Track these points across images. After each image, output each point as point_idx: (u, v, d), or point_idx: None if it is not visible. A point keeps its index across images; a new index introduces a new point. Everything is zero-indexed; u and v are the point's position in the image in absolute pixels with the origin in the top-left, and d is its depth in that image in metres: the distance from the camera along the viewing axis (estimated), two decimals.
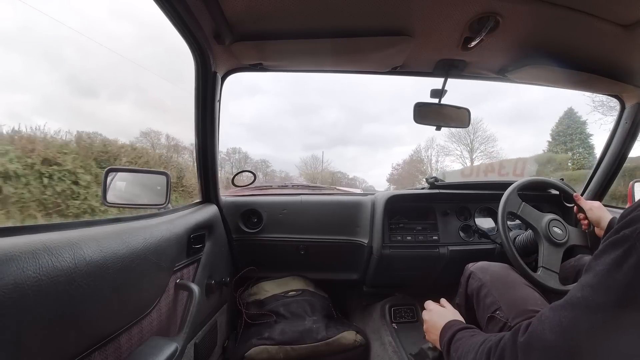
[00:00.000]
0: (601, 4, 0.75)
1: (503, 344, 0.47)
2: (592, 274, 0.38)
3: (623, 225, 0.37)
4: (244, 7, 0.78)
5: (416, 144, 28.54)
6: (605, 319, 0.35)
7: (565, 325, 0.38)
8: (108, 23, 14.35)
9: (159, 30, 12.34)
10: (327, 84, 28.19)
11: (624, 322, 0.34)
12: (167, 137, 9.98)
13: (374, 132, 24.69)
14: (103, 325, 0.53)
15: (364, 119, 24.85)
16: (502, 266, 0.93)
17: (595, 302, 0.36)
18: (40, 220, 3.61)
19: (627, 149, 1.29)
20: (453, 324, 0.70)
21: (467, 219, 1.36)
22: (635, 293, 0.33)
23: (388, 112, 24.06)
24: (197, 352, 0.94)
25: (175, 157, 8.65)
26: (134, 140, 8.77)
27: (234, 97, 20.98)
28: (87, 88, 13.15)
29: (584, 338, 0.37)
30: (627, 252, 0.35)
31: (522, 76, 1.09)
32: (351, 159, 23.73)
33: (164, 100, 15.05)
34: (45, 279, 0.40)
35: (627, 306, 0.34)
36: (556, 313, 0.40)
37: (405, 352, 1.15)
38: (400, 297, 1.43)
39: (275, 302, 1.31)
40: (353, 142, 24.18)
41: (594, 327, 0.36)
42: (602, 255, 0.38)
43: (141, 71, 16.71)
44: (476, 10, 0.78)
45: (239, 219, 1.35)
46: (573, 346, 0.37)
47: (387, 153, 24.25)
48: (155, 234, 0.69)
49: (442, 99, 1.15)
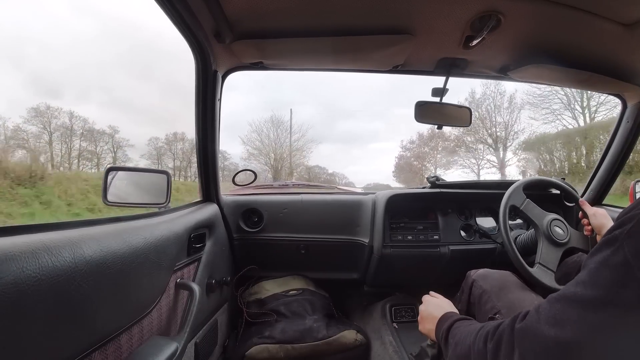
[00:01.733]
0: (603, 3, 0.75)
1: (502, 329, 0.49)
2: (585, 270, 0.40)
3: (616, 225, 0.39)
4: (244, 5, 0.77)
5: (394, 140, 28.10)
6: (593, 314, 0.37)
7: (558, 318, 0.40)
8: (108, 23, 14.40)
9: (158, 30, 12.33)
10: (301, 79, 27.32)
11: (610, 318, 0.36)
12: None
13: (349, 128, 24.23)
14: (103, 324, 0.52)
15: (339, 115, 24.41)
16: (503, 273, 0.93)
17: (585, 298, 0.38)
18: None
19: (629, 148, 1.28)
20: (451, 314, 0.71)
21: (468, 218, 1.36)
22: (619, 290, 0.35)
23: (363, 107, 23.68)
24: (198, 351, 0.94)
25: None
26: None
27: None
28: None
29: (573, 331, 0.38)
30: (615, 251, 0.37)
31: (523, 75, 1.09)
32: (327, 156, 23.21)
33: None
34: (45, 279, 0.39)
35: (612, 303, 0.36)
36: (551, 305, 0.43)
37: (406, 351, 1.15)
38: (400, 296, 1.43)
39: (275, 301, 1.31)
40: (328, 140, 23.56)
41: (583, 321, 0.38)
42: (595, 254, 0.40)
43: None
44: (478, 9, 0.78)
45: (240, 218, 1.35)
46: (562, 337, 0.39)
47: (363, 150, 23.87)
48: (155, 233, 0.68)
49: (444, 98, 1.14)
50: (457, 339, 0.61)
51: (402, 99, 23.41)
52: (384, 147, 24.87)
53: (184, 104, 1.18)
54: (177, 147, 13.40)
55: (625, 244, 0.36)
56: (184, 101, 1.16)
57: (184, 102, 1.11)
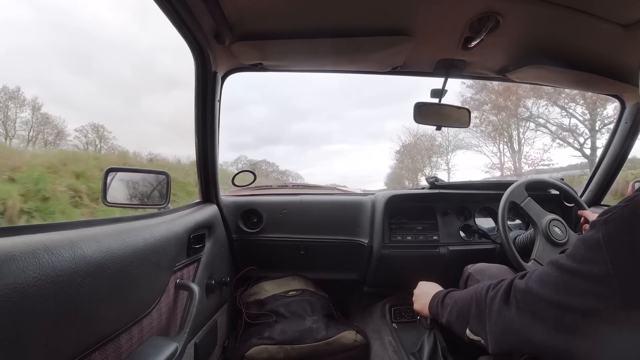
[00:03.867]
0: (602, 4, 0.75)
1: (502, 283, 0.57)
2: (572, 245, 0.48)
3: (601, 213, 0.45)
4: (244, 6, 0.78)
5: (347, 143, 27.74)
6: (568, 279, 0.45)
7: (544, 278, 0.49)
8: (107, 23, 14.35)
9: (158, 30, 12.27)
10: (255, 80, 27.05)
11: (579, 285, 0.44)
12: None
13: (303, 130, 23.84)
14: (103, 325, 0.53)
15: (294, 116, 23.96)
16: (500, 267, 0.94)
17: (565, 266, 0.46)
18: None
19: (628, 149, 1.29)
20: (445, 289, 0.79)
21: (467, 219, 1.36)
22: (590, 266, 0.43)
23: (317, 109, 23.35)
24: (197, 352, 0.94)
25: None
26: None
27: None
28: None
29: (552, 290, 0.47)
30: (594, 233, 0.44)
31: (522, 76, 1.09)
32: (281, 157, 22.85)
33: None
34: (45, 279, 0.39)
35: (582, 274, 0.44)
36: (542, 269, 0.51)
37: (406, 351, 1.15)
38: (400, 297, 1.43)
39: (275, 301, 1.31)
40: (282, 141, 23.21)
41: (560, 284, 0.46)
42: (583, 234, 0.49)
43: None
44: (476, 10, 0.78)
45: (239, 218, 1.35)
46: (544, 295, 0.48)
47: (316, 152, 23.54)
48: (155, 234, 0.68)
49: (442, 99, 1.15)
50: (455, 297, 0.70)
51: (355, 101, 22.80)
52: (338, 149, 24.61)
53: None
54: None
55: (601, 229, 0.43)
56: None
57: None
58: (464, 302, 0.65)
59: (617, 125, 1.29)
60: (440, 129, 1.18)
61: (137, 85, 19.92)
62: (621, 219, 0.41)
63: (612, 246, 0.41)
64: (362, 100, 25.91)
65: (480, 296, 0.60)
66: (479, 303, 0.60)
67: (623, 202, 0.43)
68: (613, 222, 0.42)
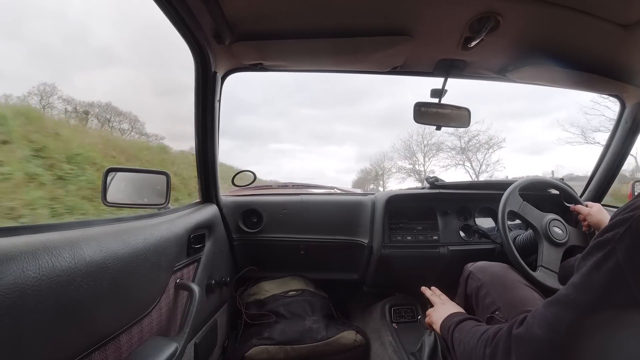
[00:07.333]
0: (601, 4, 0.75)
1: (499, 335, 0.50)
2: (578, 274, 0.41)
3: (608, 227, 0.38)
4: (244, 7, 0.78)
5: (294, 143, 27.47)
6: (584, 317, 0.38)
7: (550, 321, 0.41)
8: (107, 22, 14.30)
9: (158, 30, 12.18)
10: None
11: (601, 321, 0.36)
12: None
13: (250, 125, 23.06)
14: (103, 325, 0.52)
15: (240, 109, 23.04)
16: (501, 266, 0.93)
17: (576, 301, 0.39)
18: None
19: (628, 149, 1.29)
20: (460, 313, 0.74)
21: (467, 218, 1.36)
22: (611, 295, 0.35)
23: (263, 104, 22.68)
24: (197, 352, 0.94)
25: None
26: None
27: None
28: None
29: (565, 333, 0.39)
30: (607, 255, 0.36)
31: (522, 76, 1.09)
32: (226, 152, 22.02)
33: None
34: (45, 279, 0.39)
35: (603, 306, 0.36)
36: (545, 309, 0.43)
37: (406, 351, 1.15)
38: (400, 297, 1.43)
39: (275, 302, 1.31)
40: (227, 135, 21.83)
41: (574, 324, 0.39)
42: (587, 257, 0.40)
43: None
44: (476, 10, 0.78)
45: (239, 218, 1.35)
46: (555, 340, 0.40)
47: (263, 149, 23.03)
48: (155, 234, 0.68)
49: (442, 99, 1.14)
50: (462, 336, 0.64)
51: (304, 98, 22.09)
52: (284, 148, 24.26)
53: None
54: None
55: (618, 248, 0.35)
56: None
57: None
58: (465, 350, 0.60)
59: (617, 125, 1.29)
60: (440, 128, 1.18)
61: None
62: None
63: (635, 266, 0.34)
64: (311, 100, 25.39)
65: (479, 354, 0.54)
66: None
67: (630, 210, 0.36)
68: (631, 237, 0.35)
